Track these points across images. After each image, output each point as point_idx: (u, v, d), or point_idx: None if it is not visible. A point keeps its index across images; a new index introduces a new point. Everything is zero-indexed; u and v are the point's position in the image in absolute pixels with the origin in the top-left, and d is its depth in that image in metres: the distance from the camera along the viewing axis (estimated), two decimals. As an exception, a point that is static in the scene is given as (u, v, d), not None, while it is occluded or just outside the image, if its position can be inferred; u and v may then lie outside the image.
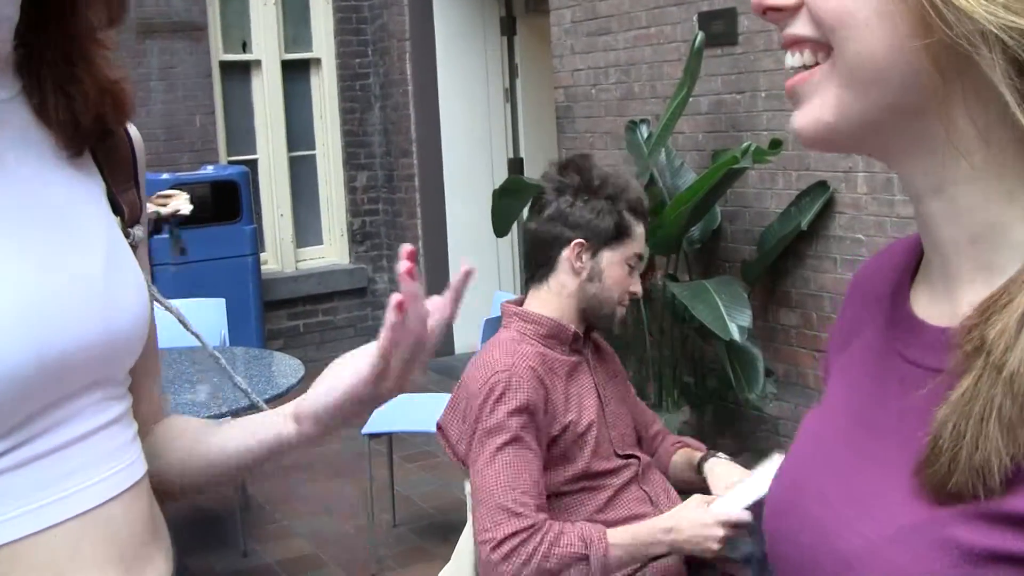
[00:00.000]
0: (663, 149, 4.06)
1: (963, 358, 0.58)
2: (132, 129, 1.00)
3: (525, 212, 5.13)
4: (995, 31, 0.56)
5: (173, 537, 0.97)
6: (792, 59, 0.65)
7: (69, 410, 0.84)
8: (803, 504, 0.68)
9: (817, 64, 0.63)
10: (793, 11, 0.64)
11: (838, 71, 0.62)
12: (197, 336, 1.01)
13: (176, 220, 4.92)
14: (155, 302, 0.98)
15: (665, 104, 4.14)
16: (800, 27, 0.64)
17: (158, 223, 4.87)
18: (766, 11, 0.65)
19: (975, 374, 0.57)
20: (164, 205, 4.88)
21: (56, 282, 0.83)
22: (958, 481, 0.57)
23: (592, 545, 1.84)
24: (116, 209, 0.93)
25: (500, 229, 4.75)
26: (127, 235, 0.93)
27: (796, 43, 0.64)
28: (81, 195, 0.90)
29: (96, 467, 0.85)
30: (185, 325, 1.00)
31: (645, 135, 4.26)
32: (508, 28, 6.83)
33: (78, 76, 0.88)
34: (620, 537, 1.87)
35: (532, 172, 6.67)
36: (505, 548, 1.82)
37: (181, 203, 4.95)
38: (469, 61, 6.67)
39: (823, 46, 0.63)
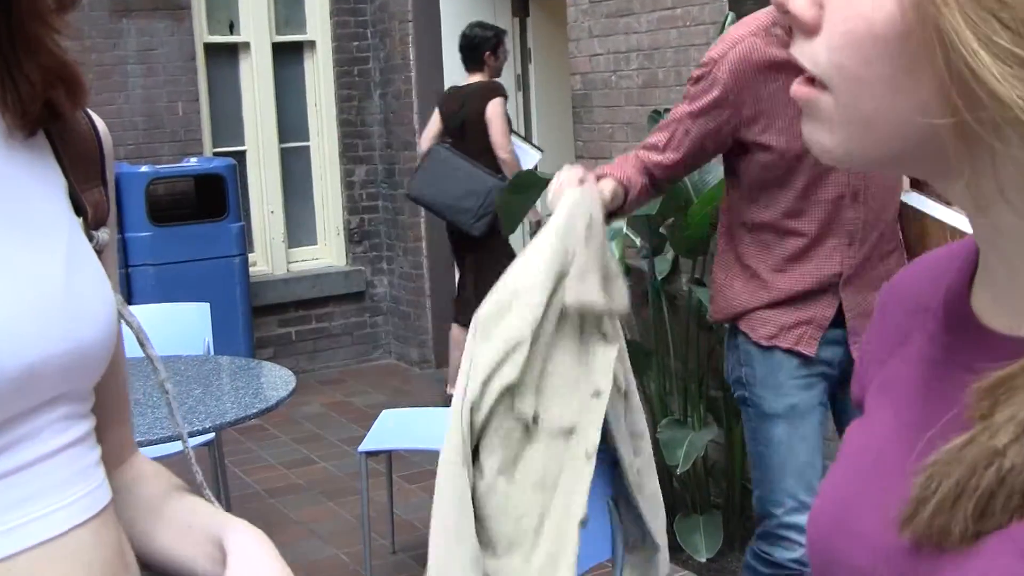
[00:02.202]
0: (689, 141, 4.03)
1: (970, 415, 0.57)
2: (99, 123, 0.99)
3: (539, 206, 5.13)
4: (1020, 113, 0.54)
5: (144, 566, 0.96)
6: None
7: (28, 428, 0.83)
8: (854, 524, 0.69)
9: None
10: (807, 32, 0.61)
11: (847, 117, 0.61)
12: (152, 361, 0.99)
13: None
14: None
15: (692, 92, 4.12)
16: (808, 59, 0.61)
17: None
18: (785, 11, 0.63)
19: (972, 438, 0.56)
20: None
21: (11, 287, 0.82)
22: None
23: None
24: (79, 209, 0.92)
25: (509, 227, 4.74)
26: (90, 238, 0.92)
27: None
28: (37, 192, 0.89)
29: (59, 491, 0.84)
30: (143, 345, 0.98)
31: (669, 126, 4.24)
32: (520, 9, 6.83)
33: (22, 61, 0.87)
34: None
35: (545, 166, 6.66)
36: None
37: None
38: (477, 44, 6.66)
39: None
